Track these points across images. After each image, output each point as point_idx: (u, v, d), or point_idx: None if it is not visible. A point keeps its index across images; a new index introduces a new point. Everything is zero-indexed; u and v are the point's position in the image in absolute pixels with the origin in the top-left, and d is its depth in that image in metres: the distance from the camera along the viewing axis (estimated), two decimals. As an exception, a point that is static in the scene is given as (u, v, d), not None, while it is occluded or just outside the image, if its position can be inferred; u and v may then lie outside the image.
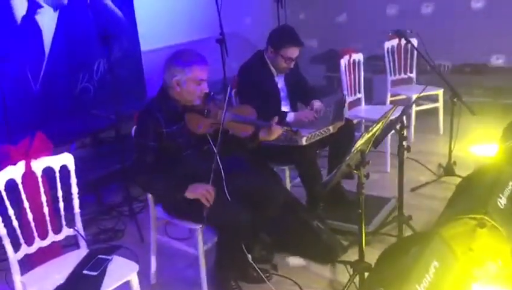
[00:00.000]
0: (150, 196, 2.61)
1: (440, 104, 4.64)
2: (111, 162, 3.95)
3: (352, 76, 4.13)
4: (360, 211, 2.35)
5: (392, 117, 2.78)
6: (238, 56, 3.89)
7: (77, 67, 4.37)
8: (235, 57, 3.93)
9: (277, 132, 2.52)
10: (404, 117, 4.09)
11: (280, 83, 3.18)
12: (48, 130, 4.02)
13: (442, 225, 2.50)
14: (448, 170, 3.68)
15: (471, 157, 4.15)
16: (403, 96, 4.69)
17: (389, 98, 4.71)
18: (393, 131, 2.81)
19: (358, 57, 4.18)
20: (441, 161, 3.97)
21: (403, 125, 2.72)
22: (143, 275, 2.79)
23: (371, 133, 2.25)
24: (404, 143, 2.74)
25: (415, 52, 4.64)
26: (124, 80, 4.72)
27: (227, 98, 2.34)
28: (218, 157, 2.37)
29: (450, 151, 3.68)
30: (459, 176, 3.59)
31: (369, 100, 5.49)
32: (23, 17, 4.02)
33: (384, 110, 4.21)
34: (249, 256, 2.65)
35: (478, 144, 4.36)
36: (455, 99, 3.46)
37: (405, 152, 2.80)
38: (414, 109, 4.57)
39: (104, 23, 4.50)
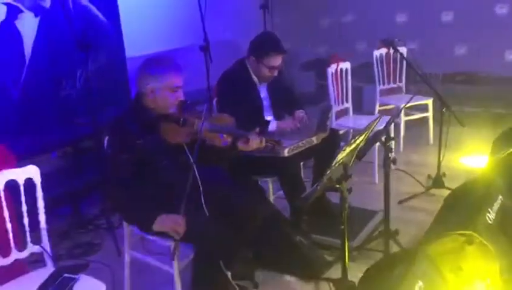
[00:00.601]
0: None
1: (430, 114, 4.56)
2: (91, 173, 3.83)
3: (339, 85, 4.04)
4: (342, 227, 2.24)
5: (379, 128, 2.69)
6: (223, 64, 3.79)
7: (59, 74, 4.25)
8: (220, 65, 3.83)
9: (256, 142, 2.41)
10: (392, 127, 4.07)
11: (263, 92, 3.07)
12: (28, 138, 3.94)
13: (429, 241, 2.40)
14: (437, 182, 3.59)
15: (462, 168, 4.06)
16: (392, 106, 4.61)
17: (377, 108, 4.62)
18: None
19: (346, 65, 4.09)
20: (430, 172, 3.87)
21: (388, 137, 2.62)
22: (118, 291, 2.69)
23: (353, 145, 2.15)
24: (391, 155, 2.64)
25: (404, 61, 4.57)
26: (108, 87, 4.63)
27: (206, 107, 2.24)
28: (195, 169, 2.27)
29: (439, 162, 3.59)
30: (449, 188, 3.50)
31: (358, 109, 5.42)
32: (2, 22, 3.90)
33: (371, 120, 4.13)
34: (228, 273, 2.54)
35: (468, 155, 4.27)
36: (444, 110, 3.38)
37: (391, 164, 2.70)
38: (403, 118, 4.49)
39: (87, 29, 4.39)
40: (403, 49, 3.99)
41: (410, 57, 4.67)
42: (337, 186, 2.15)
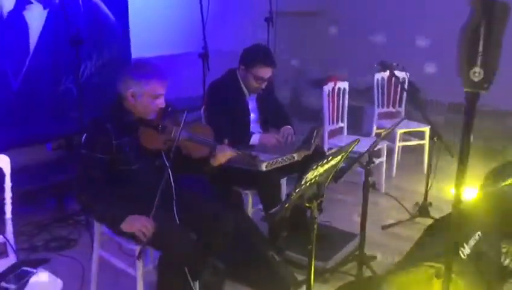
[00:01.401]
0: (96, 208, 2.47)
1: (426, 142, 4.51)
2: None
3: (335, 104, 4.03)
4: (310, 246, 2.21)
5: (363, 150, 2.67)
6: (221, 74, 3.81)
7: (62, 67, 4.29)
8: (218, 75, 3.84)
9: (224, 155, 2.40)
10: (384, 151, 4.03)
11: (251, 103, 3.06)
12: (24, 128, 3.97)
13: (399, 270, 2.36)
14: (423, 210, 3.54)
15: (450, 199, 3.99)
16: (389, 130, 4.56)
17: (374, 130, 4.59)
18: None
19: (344, 85, 4.08)
20: (419, 200, 3.83)
21: (370, 161, 2.59)
22: (86, 289, 2.68)
23: (327, 166, 2.12)
24: (370, 179, 2.62)
25: (405, 87, 4.54)
26: (110, 85, 4.64)
27: (184, 117, 2.23)
28: (170, 175, 2.26)
29: (426, 191, 3.55)
30: (433, 218, 3.46)
31: (358, 130, 5.39)
32: (10, 12, 3.95)
33: (365, 142, 4.11)
34: (196, 283, 2.52)
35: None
36: (435, 139, 3.34)
37: (371, 188, 2.67)
38: (398, 144, 4.45)
39: (93, 26, 4.44)
40: (402, 74, 3.96)
41: (415, 83, 4.67)
42: (307, 205, 2.13)
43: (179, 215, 2.34)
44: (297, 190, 2.01)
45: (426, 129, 4.43)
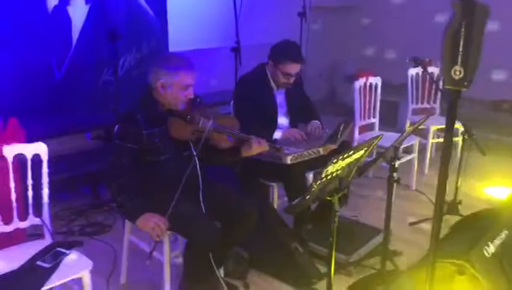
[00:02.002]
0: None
1: (459, 139, 4.42)
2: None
3: (367, 99, 4.02)
4: (331, 239, 2.25)
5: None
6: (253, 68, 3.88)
7: (102, 60, 4.44)
8: (251, 69, 3.91)
9: (258, 146, 2.46)
10: (416, 148, 4.00)
11: (280, 98, 3.11)
12: (65, 117, 4.17)
13: (420, 266, 2.37)
14: (452, 208, 3.50)
15: (483, 198, 3.94)
16: (422, 127, 4.51)
17: (407, 126, 4.54)
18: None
19: (376, 80, 4.06)
20: (450, 198, 3.78)
21: (395, 156, 2.60)
22: (116, 272, 2.82)
23: (348, 160, 2.15)
24: (395, 175, 2.62)
25: (441, 82, 4.48)
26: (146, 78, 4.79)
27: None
28: (197, 164, 2.35)
29: (456, 189, 3.50)
30: (461, 216, 3.42)
31: (392, 125, 5.35)
32: (55, 7, 4.14)
33: (395, 137, 4.07)
34: (220, 270, 2.61)
35: (494, 186, 4.14)
36: (466, 136, 3.29)
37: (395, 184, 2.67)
38: (431, 140, 4.39)
39: (133, 21, 4.59)
40: (436, 70, 3.91)
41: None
42: (328, 198, 2.17)
43: (205, 204, 2.42)
44: (317, 183, 2.05)
45: (459, 126, 4.35)
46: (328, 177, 2.09)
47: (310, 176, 3.05)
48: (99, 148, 4.42)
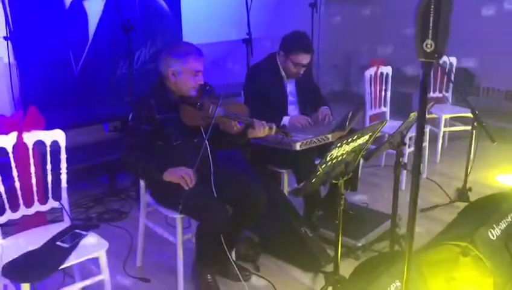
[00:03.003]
0: (141, 182, 2.70)
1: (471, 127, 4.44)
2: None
3: (378, 89, 4.06)
4: (337, 222, 2.32)
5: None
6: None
7: (118, 54, 4.55)
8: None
9: (263, 129, 2.53)
10: (427, 137, 4.02)
11: (290, 87, 3.18)
12: (84, 109, 4.30)
13: (425, 248, 2.42)
14: (462, 195, 3.54)
15: (495, 186, 3.96)
16: (434, 116, 4.54)
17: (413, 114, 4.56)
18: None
19: (387, 69, 4.09)
20: (461, 186, 3.82)
21: (401, 142, 2.65)
22: (132, 256, 2.93)
23: (353, 144, 2.21)
24: (401, 160, 2.67)
25: (453, 71, 4.50)
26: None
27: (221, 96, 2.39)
28: (208, 147, 2.43)
29: (466, 176, 3.54)
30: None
31: (404, 116, 5.36)
32: (72, 2, 4.26)
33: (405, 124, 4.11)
34: (232, 254, 2.70)
35: (505, 174, 4.15)
36: (475, 124, 3.32)
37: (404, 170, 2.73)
38: (443, 129, 4.41)
39: (148, 15, 4.69)
40: (453, 59, 3.92)
41: (467, 68, 4.57)
42: (334, 181, 2.23)
43: (216, 188, 2.51)
44: (323, 166, 2.12)
45: (471, 115, 4.36)
46: (333, 161, 2.16)
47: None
48: (115, 138, 4.56)
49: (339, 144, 2.08)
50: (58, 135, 2.29)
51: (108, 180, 3.88)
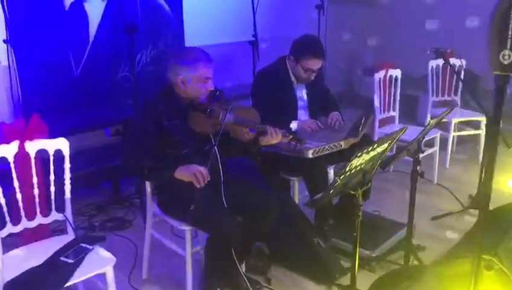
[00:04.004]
0: (148, 191, 2.59)
1: (482, 132, 4.35)
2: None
3: (387, 92, 3.96)
4: (355, 234, 2.22)
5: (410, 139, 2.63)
6: (271, 61, 3.83)
7: (120, 57, 4.44)
8: (268, 62, 3.87)
9: (276, 136, 2.43)
10: (437, 141, 3.93)
11: (300, 92, 3.07)
12: (85, 113, 4.19)
13: (446, 261, 2.32)
14: (476, 202, 3.43)
15: (507, 192, 3.86)
16: (444, 120, 4.43)
17: (428, 120, 4.47)
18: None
19: (396, 73, 3.99)
20: (472, 192, 3.72)
21: (418, 149, 2.55)
22: (137, 268, 2.82)
23: (372, 153, 2.11)
24: (419, 168, 2.57)
25: (462, 74, 4.40)
26: (164, 74, 4.80)
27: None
28: (218, 158, 2.33)
29: (480, 182, 3.42)
30: (487, 210, 3.35)
31: (412, 120, 5.28)
32: (72, 4, 4.15)
33: (417, 132, 4.01)
34: (242, 265, 2.59)
35: (520, 178, 4.06)
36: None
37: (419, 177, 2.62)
38: (453, 133, 4.31)
39: (150, 17, 4.58)
40: (458, 61, 3.83)
41: (472, 71, 4.47)
42: (352, 192, 2.13)
43: (226, 198, 2.40)
44: (341, 177, 2.02)
45: (482, 119, 4.27)
46: (352, 171, 2.06)
47: (331, 171, 3.01)
48: (118, 143, 4.44)
49: (359, 154, 1.98)
50: (62, 144, 2.17)
51: (111, 187, 3.76)
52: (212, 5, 5.17)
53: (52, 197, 2.22)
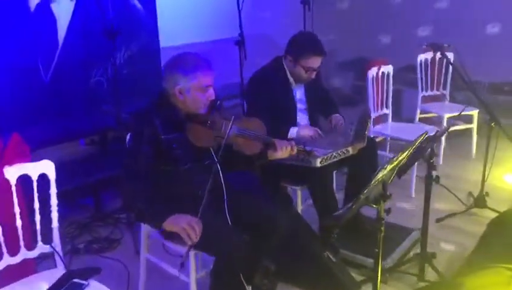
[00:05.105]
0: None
1: (474, 126, 4.27)
2: (116, 163, 3.73)
3: (380, 90, 3.81)
4: (377, 250, 2.04)
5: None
6: (258, 58, 3.61)
7: (91, 60, 4.18)
8: (255, 59, 3.65)
9: (286, 150, 2.23)
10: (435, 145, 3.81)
11: (299, 93, 2.87)
12: (57, 123, 3.88)
13: (470, 272, 2.18)
14: (480, 201, 3.32)
15: (505, 187, 3.78)
16: (433, 115, 4.33)
17: (418, 116, 4.36)
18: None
19: (388, 69, 3.84)
20: (471, 189, 3.62)
21: (432, 153, 2.40)
22: (133, 294, 2.57)
23: (395, 163, 1.94)
24: (434, 173, 2.42)
25: (450, 68, 4.30)
26: (139, 77, 4.54)
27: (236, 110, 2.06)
28: (220, 171, 2.11)
29: (483, 181, 3.32)
30: (492, 209, 3.26)
31: (397, 114, 5.16)
32: (38, 5, 3.85)
33: (412, 129, 3.90)
34: (249, 287, 2.38)
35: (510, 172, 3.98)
36: (493, 124, 3.10)
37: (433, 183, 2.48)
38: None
39: (122, 16, 4.31)
40: (450, 55, 3.71)
41: (457, 63, 4.37)
42: (374, 206, 1.96)
43: (230, 215, 2.19)
44: (365, 191, 1.84)
45: (475, 113, 4.19)
46: (375, 183, 1.88)
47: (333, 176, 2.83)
48: (95, 154, 4.15)
49: (385, 166, 1.80)
50: (47, 167, 1.90)
51: (92, 203, 3.48)
52: (188, 1, 4.92)
53: (38, 227, 1.95)
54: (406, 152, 2.03)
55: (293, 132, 2.78)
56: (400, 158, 1.99)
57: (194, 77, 2.11)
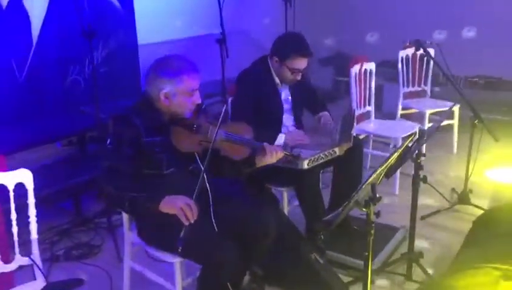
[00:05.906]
0: (124, 217, 2.27)
1: (455, 121, 4.29)
2: (95, 165, 3.63)
3: (362, 87, 3.78)
4: (366, 253, 2.02)
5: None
6: (239, 55, 3.56)
7: (67, 59, 4.07)
8: (236, 56, 3.60)
9: (275, 155, 2.18)
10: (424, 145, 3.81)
11: (284, 93, 2.82)
12: (33, 124, 3.76)
13: (457, 272, 2.17)
14: (463, 198, 3.33)
15: (487, 182, 3.80)
16: (415, 110, 4.34)
17: (399, 112, 4.36)
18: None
19: (370, 66, 3.83)
20: (454, 185, 3.64)
21: (420, 153, 2.38)
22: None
23: (384, 166, 1.91)
24: (421, 173, 2.40)
25: (431, 64, 4.30)
26: (117, 75, 4.44)
27: (222, 114, 1.99)
28: (205, 178, 2.05)
29: (467, 178, 3.33)
30: (476, 206, 3.28)
31: (377, 110, 5.16)
32: (10, 2, 3.72)
33: (395, 125, 3.90)
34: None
35: (494, 167, 4.00)
36: (476, 122, 3.11)
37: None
38: (427, 125, 4.21)
39: (98, 14, 4.20)
40: (431, 51, 3.71)
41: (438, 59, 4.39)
42: (364, 210, 1.93)
43: (216, 222, 2.14)
44: (355, 195, 1.81)
45: (456, 108, 4.21)
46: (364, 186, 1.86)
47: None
48: (73, 156, 4.03)
49: (378, 170, 1.77)
50: (24, 176, 1.82)
51: (71, 207, 3.37)
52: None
53: (15, 238, 1.87)
54: (396, 153, 2.00)
55: (280, 139, 2.72)
56: (390, 161, 1.96)
57: (180, 80, 2.04)
